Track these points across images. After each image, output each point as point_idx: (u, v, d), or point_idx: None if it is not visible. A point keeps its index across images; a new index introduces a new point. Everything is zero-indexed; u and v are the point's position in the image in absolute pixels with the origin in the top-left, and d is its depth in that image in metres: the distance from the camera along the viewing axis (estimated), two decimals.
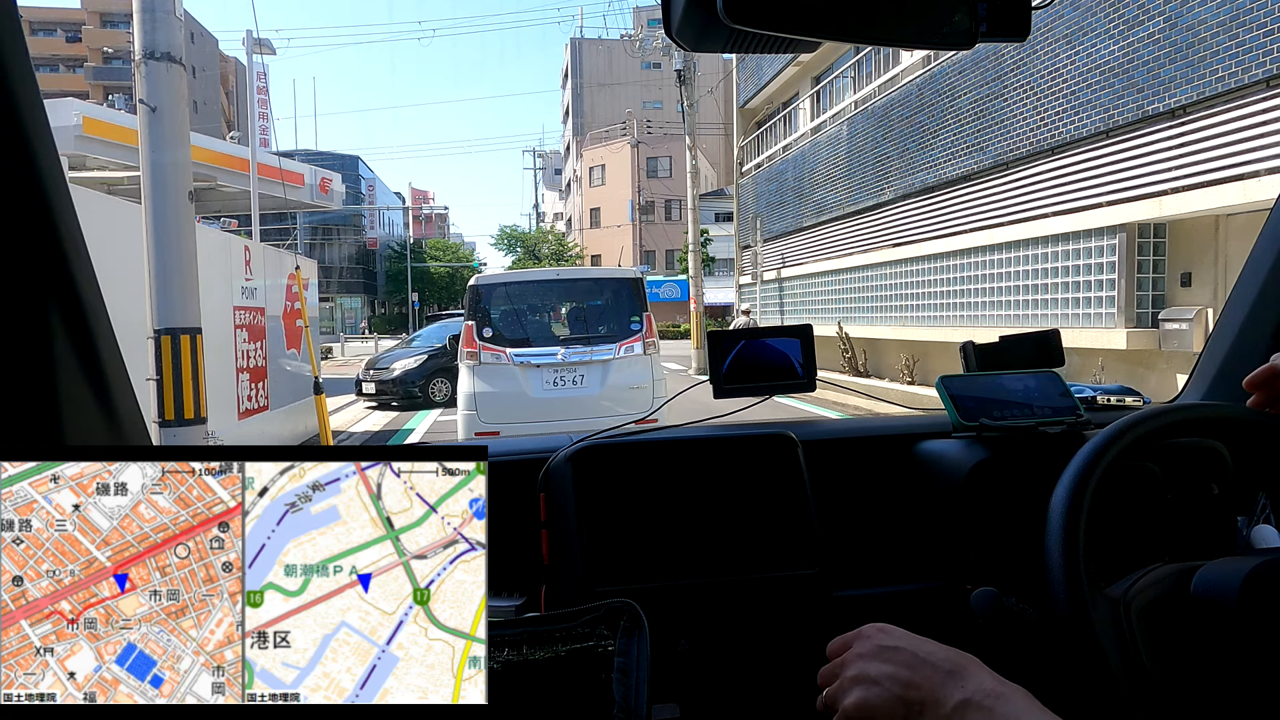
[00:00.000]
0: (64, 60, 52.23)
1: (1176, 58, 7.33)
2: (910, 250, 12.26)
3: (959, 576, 1.09)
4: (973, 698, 0.59)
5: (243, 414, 7.51)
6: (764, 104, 19.77)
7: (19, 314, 0.71)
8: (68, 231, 0.74)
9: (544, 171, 63.79)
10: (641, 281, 6.70)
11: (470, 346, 6.21)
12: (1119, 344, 8.20)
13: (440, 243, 57.35)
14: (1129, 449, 0.79)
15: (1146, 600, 0.74)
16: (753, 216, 19.18)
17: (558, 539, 1.07)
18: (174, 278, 4.20)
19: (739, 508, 1.10)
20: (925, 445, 1.20)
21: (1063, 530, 0.74)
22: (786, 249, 17.50)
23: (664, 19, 0.71)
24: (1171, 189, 7.49)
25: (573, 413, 6.08)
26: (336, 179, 12.22)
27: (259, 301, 8.06)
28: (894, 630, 0.67)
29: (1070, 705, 0.61)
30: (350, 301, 46.92)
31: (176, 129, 4.24)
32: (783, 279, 17.90)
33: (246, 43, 10.89)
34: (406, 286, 43.97)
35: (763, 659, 1.09)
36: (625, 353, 6.30)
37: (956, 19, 0.68)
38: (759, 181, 19.44)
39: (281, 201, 10.27)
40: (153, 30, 4.15)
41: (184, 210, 4.26)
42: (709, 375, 1.30)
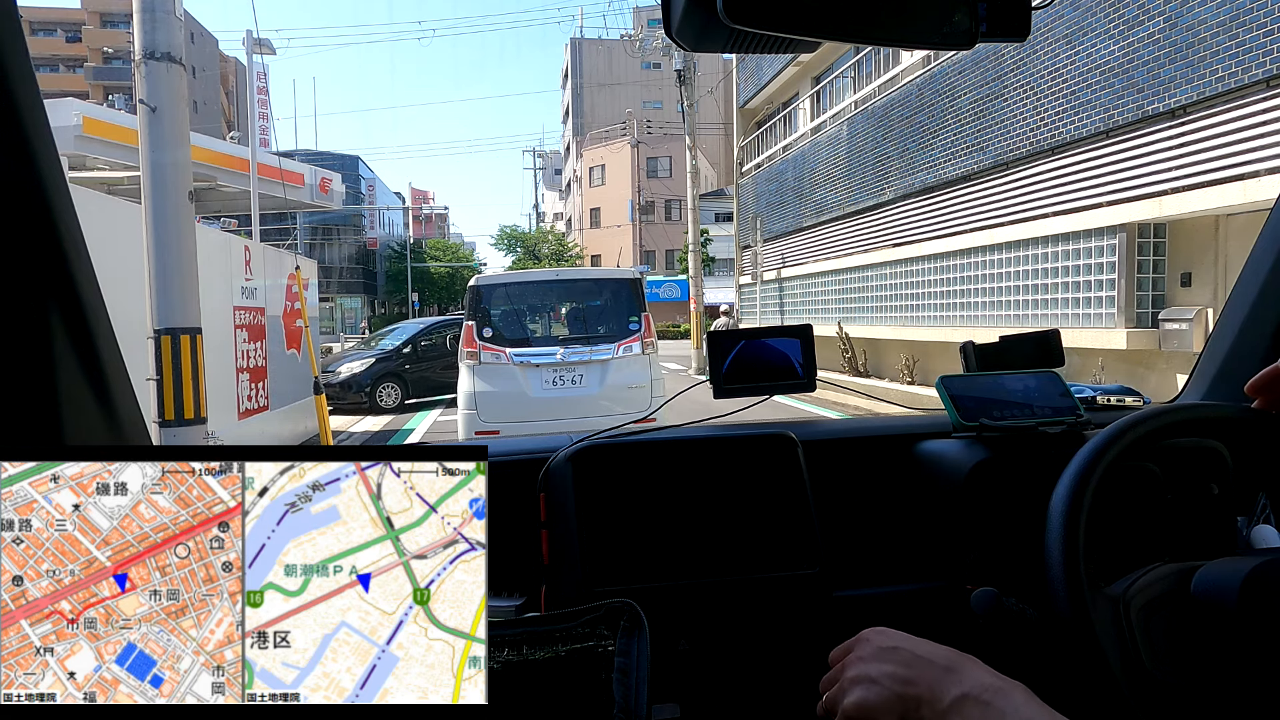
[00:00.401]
0: (64, 60, 52.23)
1: (1176, 58, 7.33)
2: (910, 250, 12.26)
3: (959, 576, 1.09)
4: (970, 692, 0.59)
5: (243, 414, 7.51)
6: (764, 104, 19.77)
7: (19, 314, 0.71)
8: (68, 231, 0.74)
9: (544, 171, 63.80)
10: (640, 282, 6.76)
11: (470, 346, 6.27)
12: (1119, 344, 8.20)
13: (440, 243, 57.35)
14: (1129, 449, 0.79)
15: (1146, 599, 0.74)
16: (753, 216, 19.18)
17: (558, 539, 1.07)
18: (174, 278, 4.20)
19: (739, 508, 1.10)
20: (925, 445, 1.20)
21: (1063, 530, 0.74)
22: (786, 249, 17.50)
23: (664, 19, 0.71)
24: (1171, 189, 7.49)
25: (572, 412, 6.14)
26: (336, 179, 12.22)
27: (259, 301, 8.06)
28: (892, 632, 0.68)
29: (1070, 704, 0.61)
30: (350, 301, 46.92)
31: (176, 129, 4.24)
32: (783, 279, 17.90)
33: (246, 43, 10.89)
34: (406, 287, 43.98)
35: (763, 659, 1.09)
36: (624, 353, 6.36)
37: (956, 19, 0.68)
38: (759, 181, 19.44)
39: (281, 201, 10.27)
40: (153, 30, 4.15)
41: (184, 210, 4.26)
42: (709, 375, 1.30)
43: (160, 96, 4.16)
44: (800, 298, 17.17)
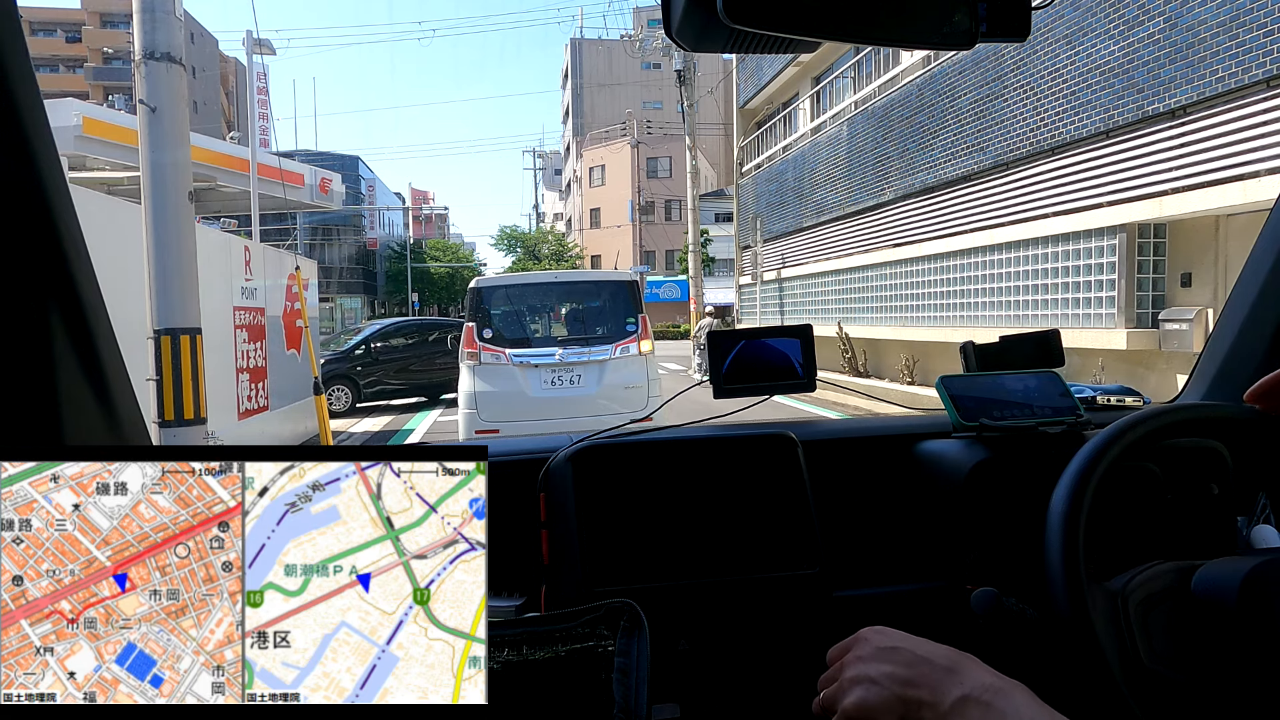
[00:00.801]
0: (64, 60, 52.23)
1: (1176, 58, 7.33)
2: (910, 250, 12.26)
3: (959, 576, 1.09)
4: (971, 693, 0.59)
5: (242, 414, 7.51)
6: (764, 104, 19.77)
7: (19, 314, 0.71)
8: (68, 231, 0.74)
9: (544, 172, 63.81)
10: (637, 284, 6.88)
11: (471, 347, 6.36)
12: (1119, 344, 8.20)
13: (440, 243, 57.31)
14: (1129, 449, 0.79)
15: (1145, 594, 0.74)
16: (753, 217, 19.18)
17: (558, 539, 1.07)
18: (174, 278, 4.19)
19: (739, 508, 1.10)
20: (925, 445, 1.20)
21: (1063, 530, 0.74)
22: (787, 249, 17.50)
23: (664, 19, 0.71)
24: (1172, 189, 7.49)
25: (570, 411, 6.24)
26: (336, 179, 12.22)
27: (259, 302, 8.06)
28: (891, 632, 0.67)
29: (1070, 704, 0.61)
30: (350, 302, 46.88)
31: (176, 129, 4.24)
32: (783, 279, 17.91)
33: (246, 43, 10.89)
34: (407, 287, 43.97)
35: (763, 659, 1.09)
36: (621, 353, 6.47)
37: (956, 19, 0.68)
38: (759, 182, 19.44)
39: (281, 202, 10.28)
40: (153, 30, 4.15)
41: (184, 210, 4.26)
42: (709, 375, 1.30)
43: (160, 96, 4.16)
44: (800, 298, 17.17)
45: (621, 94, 47.11)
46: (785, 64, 16.86)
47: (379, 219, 49.02)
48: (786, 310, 17.88)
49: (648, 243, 41.21)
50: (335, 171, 12.75)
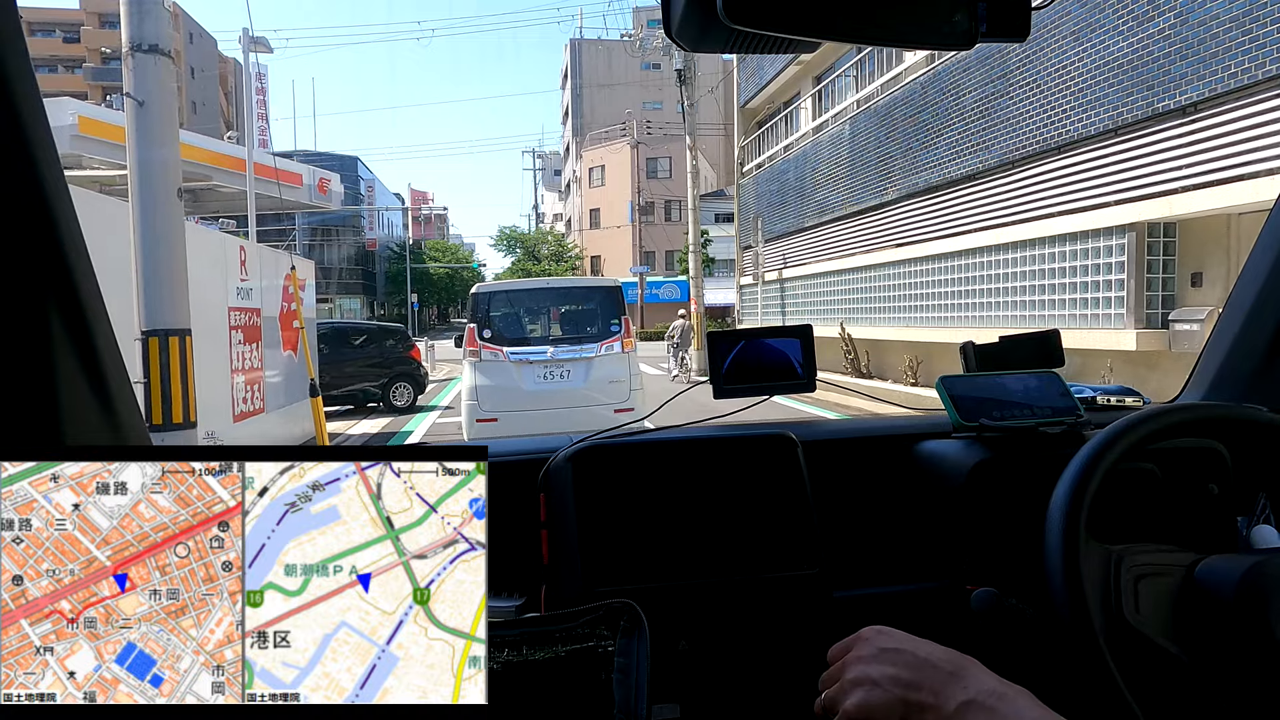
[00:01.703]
0: (62, 60, 52.21)
1: (1188, 54, 7.23)
2: (914, 250, 12.22)
3: (959, 576, 1.09)
4: (975, 698, 0.59)
5: (238, 417, 7.50)
6: (765, 104, 19.76)
7: (19, 314, 0.71)
8: (68, 231, 0.74)
9: (544, 172, 63.79)
10: (620, 289, 7.84)
11: (472, 346, 7.16)
12: (1129, 345, 8.11)
13: (439, 244, 57.33)
14: (1129, 450, 0.79)
15: (1142, 564, 0.75)
16: (754, 217, 19.18)
17: (558, 539, 1.07)
18: (163, 277, 4.08)
19: (739, 508, 1.10)
20: (925, 445, 1.20)
21: (1063, 530, 0.74)
22: (788, 249, 17.49)
23: (664, 19, 0.71)
24: (1181, 188, 7.40)
25: (560, 402, 7.09)
26: (335, 179, 12.22)
27: (254, 302, 8.03)
28: (893, 632, 0.67)
29: (1071, 705, 0.61)
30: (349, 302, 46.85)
31: (165, 124, 4.11)
32: (784, 279, 17.89)
33: (243, 41, 10.89)
34: (406, 288, 43.96)
35: (763, 659, 1.09)
36: (606, 351, 7.32)
37: (956, 19, 0.68)
38: (760, 182, 19.43)
39: (280, 202, 10.28)
40: (139, 21, 4.03)
41: (173, 207, 4.14)
42: (709, 375, 1.30)
43: (148, 90, 4.03)
44: (802, 298, 17.16)
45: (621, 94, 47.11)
46: (786, 63, 16.85)
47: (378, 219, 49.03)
48: (788, 311, 17.86)
49: (648, 243, 41.21)
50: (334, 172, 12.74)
